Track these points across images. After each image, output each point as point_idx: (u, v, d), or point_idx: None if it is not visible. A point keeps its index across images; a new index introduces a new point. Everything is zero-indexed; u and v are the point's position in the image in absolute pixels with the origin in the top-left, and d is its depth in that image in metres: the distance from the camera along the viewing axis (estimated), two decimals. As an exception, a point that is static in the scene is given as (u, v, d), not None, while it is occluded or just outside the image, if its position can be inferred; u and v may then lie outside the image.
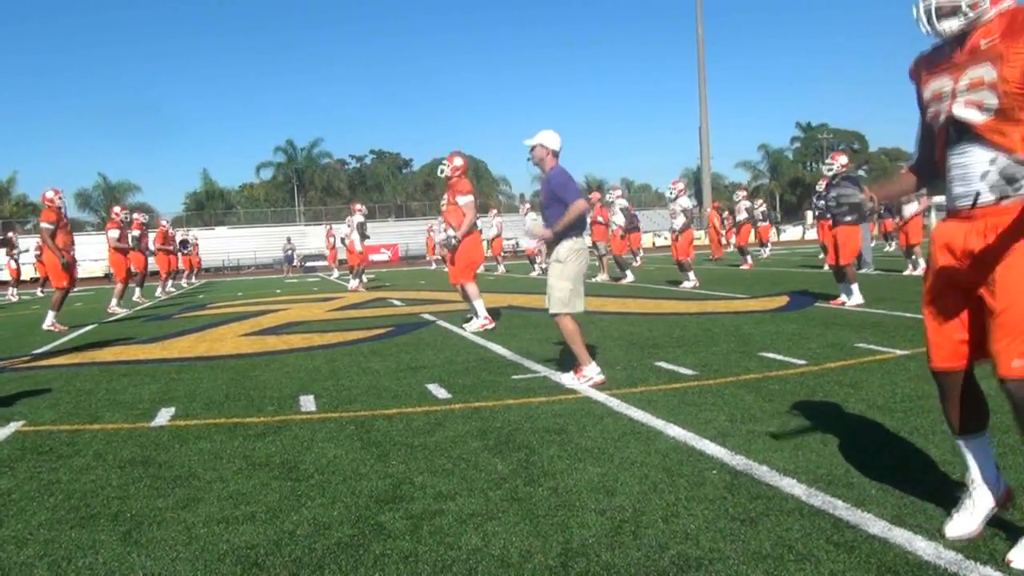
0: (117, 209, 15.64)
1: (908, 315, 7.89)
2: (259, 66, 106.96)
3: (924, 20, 2.45)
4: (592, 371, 5.29)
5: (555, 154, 5.66)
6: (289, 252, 37.15)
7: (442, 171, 8.92)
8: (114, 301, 14.08)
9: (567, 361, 6.13)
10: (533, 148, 5.68)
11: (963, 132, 2.44)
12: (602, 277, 16.58)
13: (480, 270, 9.63)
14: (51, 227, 10.67)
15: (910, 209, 14.19)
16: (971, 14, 2.39)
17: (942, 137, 2.53)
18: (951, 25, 2.42)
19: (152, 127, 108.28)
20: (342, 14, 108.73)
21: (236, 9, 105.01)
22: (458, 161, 8.84)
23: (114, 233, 14.59)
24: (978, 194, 2.42)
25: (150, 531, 2.93)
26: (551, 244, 5.57)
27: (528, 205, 23.55)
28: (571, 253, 5.40)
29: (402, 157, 75.75)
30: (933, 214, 14.46)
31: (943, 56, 2.52)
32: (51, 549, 2.80)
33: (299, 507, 3.11)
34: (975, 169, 2.43)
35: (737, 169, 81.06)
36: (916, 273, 13.50)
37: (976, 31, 2.41)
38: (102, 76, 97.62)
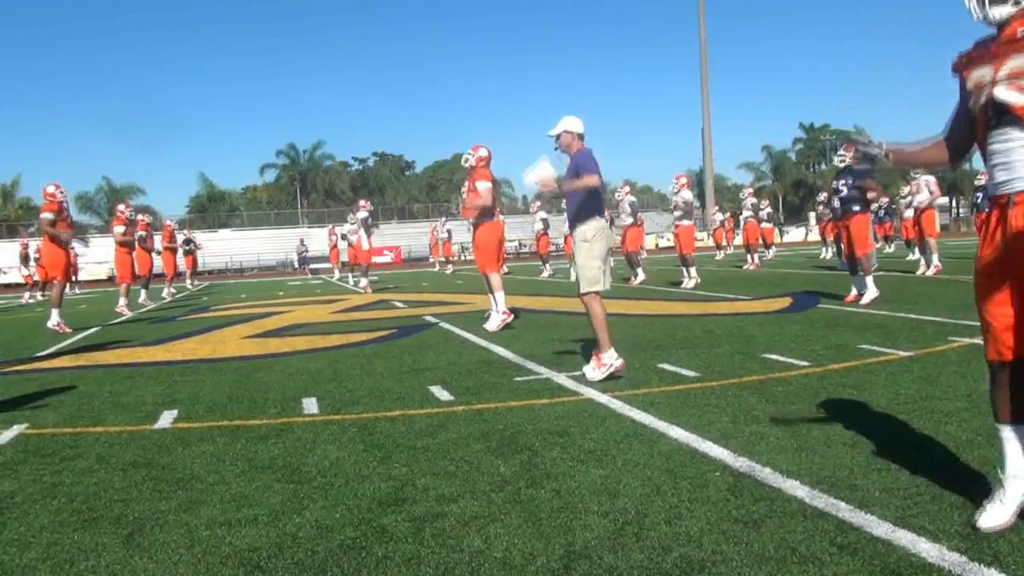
0: (122, 207, 15.73)
1: (912, 316, 7.87)
2: (263, 68, 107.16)
3: (976, 6, 2.47)
4: (610, 357, 5.35)
5: (580, 137, 5.73)
6: (303, 253, 36.96)
7: (466, 160, 9.10)
8: (122, 300, 14.17)
9: (571, 363, 6.13)
10: (559, 136, 5.72)
11: (1002, 114, 2.45)
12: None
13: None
14: (51, 216, 10.90)
15: (921, 199, 14.13)
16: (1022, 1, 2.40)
17: (983, 121, 2.53)
18: (1001, 12, 2.44)
19: (156, 130, 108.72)
20: (346, 17, 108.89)
21: (240, 13, 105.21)
22: (483, 152, 8.97)
23: (119, 228, 14.65)
24: (1019, 180, 2.42)
25: (152, 534, 2.93)
26: (571, 221, 5.65)
27: (539, 203, 23.48)
28: (597, 232, 5.51)
29: (405, 159, 75.88)
30: (937, 215, 14.43)
31: (984, 49, 2.54)
32: (53, 552, 2.80)
33: (301, 510, 3.11)
34: (1016, 155, 2.43)
35: (740, 170, 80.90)
36: (929, 273, 13.43)
37: (1014, 21, 2.42)
38: (105, 79, 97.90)
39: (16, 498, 3.44)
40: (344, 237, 23.20)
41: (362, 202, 19.43)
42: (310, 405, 5.09)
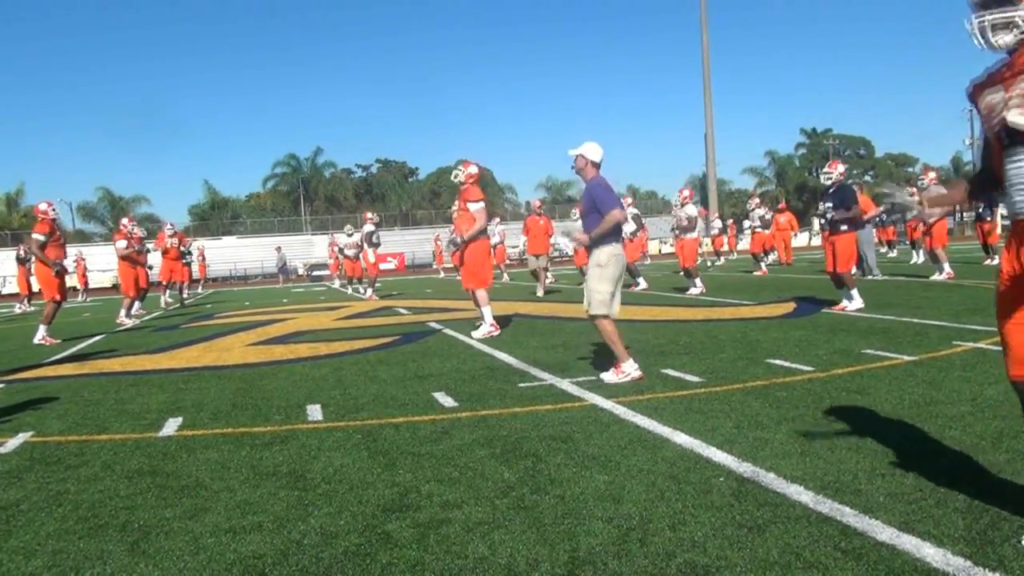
0: (125, 220, 15.85)
1: (916, 321, 7.86)
2: (267, 77, 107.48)
3: (978, 35, 2.49)
4: (630, 367, 5.54)
5: (595, 165, 5.86)
6: (282, 263, 35.42)
7: (456, 176, 9.13)
8: (123, 312, 14.20)
9: (574, 368, 6.14)
10: (576, 158, 5.88)
11: (1015, 138, 2.46)
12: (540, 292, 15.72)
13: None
14: (43, 239, 10.68)
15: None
16: None
17: (998, 147, 2.54)
18: (1005, 39, 2.46)
19: (160, 138, 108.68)
20: (349, 25, 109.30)
21: (245, 23, 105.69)
22: (472, 169, 9.03)
23: (121, 243, 14.73)
24: None
25: (157, 541, 2.93)
26: (588, 248, 5.81)
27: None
28: (611, 258, 5.65)
29: (408, 166, 75.96)
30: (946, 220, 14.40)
31: (996, 74, 2.55)
32: (59, 559, 2.81)
33: (306, 516, 3.12)
34: None
35: (743, 175, 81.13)
36: (941, 278, 13.41)
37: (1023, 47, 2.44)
38: (108, 89, 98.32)
39: (22, 506, 3.46)
40: (342, 251, 22.66)
41: (369, 214, 19.20)
42: (314, 412, 5.09)
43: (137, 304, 17.28)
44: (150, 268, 18.82)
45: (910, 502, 2.86)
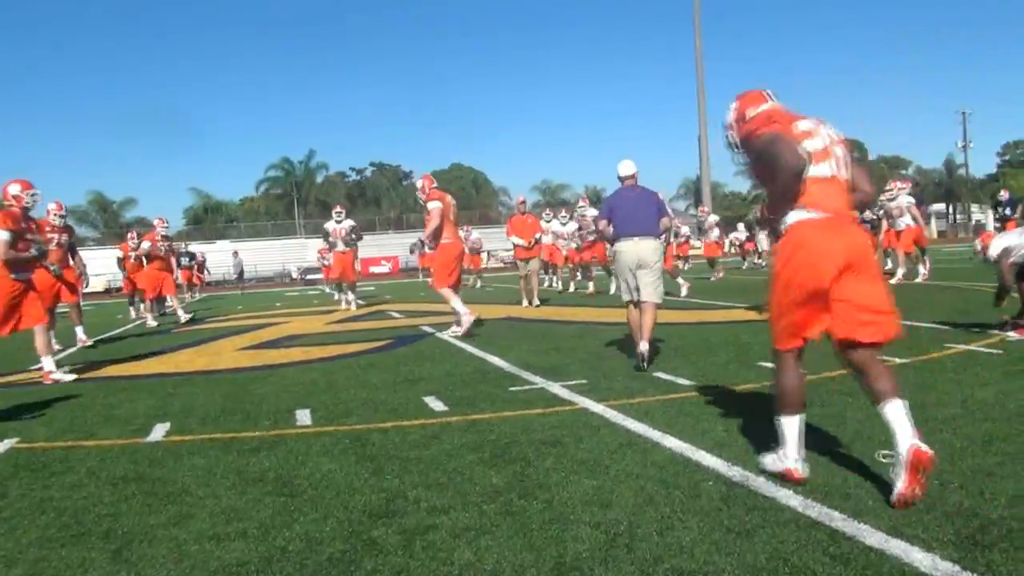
0: (131, 234, 16.59)
1: (906, 323, 7.83)
2: (261, 80, 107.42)
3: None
4: (641, 347, 6.14)
5: (619, 178, 6.69)
6: (239, 268, 33.37)
7: (420, 199, 9.71)
8: (149, 316, 14.80)
9: (565, 372, 6.12)
10: None
11: None
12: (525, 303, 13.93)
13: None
14: (8, 235, 7.05)
15: (904, 222, 14.08)
16: None
17: None
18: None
19: (154, 141, 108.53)
20: (346, 31, 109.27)
21: (240, 27, 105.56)
22: (419, 183, 9.80)
23: (145, 244, 15.07)
24: None
25: (141, 548, 2.90)
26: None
27: (551, 211, 23.33)
28: (615, 252, 6.51)
29: (402, 169, 75.90)
30: (933, 221, 14.34)
31: None
32: (40, 568, 2.77)
33: (291, 523, 3.08)
34: None
35: (737, 177, 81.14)
36: (892, 282, 13.37)
37: None
38: (104, 92, 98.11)
39: (4, 513, 3.41)
40: (332, 247, 21.83)
41: (337, 207, 16.15)
42: (303, 417, 5.06)
43: (132, 310, 17.35)
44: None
45: (899, 506, 2.84)
